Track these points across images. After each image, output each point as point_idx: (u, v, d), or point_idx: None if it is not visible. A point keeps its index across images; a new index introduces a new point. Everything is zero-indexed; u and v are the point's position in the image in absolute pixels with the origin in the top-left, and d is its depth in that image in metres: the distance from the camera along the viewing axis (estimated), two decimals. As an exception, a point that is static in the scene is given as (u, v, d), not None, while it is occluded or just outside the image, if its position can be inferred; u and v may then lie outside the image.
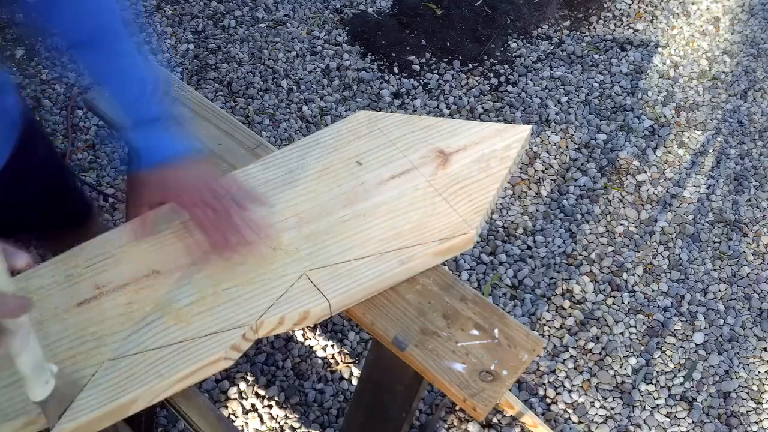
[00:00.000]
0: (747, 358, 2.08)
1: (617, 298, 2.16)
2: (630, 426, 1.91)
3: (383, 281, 1.03)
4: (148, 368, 0.92)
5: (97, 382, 0.90)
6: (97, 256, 1.03)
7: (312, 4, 2.96)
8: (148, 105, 1.06)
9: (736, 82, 2.89)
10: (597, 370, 2.01)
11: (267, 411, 1.84)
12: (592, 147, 2.57)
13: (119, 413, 0.90)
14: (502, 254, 2.22)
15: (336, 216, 1.09)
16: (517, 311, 2.10)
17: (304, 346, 1.96)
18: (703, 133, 2.68)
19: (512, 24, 3.01)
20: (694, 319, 2.14)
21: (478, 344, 1.00)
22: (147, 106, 1.06)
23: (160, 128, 1.06)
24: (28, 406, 0.87)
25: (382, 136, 1.21)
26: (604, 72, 2.86)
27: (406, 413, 1.12)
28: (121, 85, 1.06)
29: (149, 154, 1.05)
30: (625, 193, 2.45)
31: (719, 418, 1.95)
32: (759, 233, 2.39)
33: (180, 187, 1.05)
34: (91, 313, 0.97)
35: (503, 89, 2.74)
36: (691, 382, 2.01)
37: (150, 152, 1.05)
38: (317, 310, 0.99)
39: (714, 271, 2.27)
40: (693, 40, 3.05)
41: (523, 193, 2.41)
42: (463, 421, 1.87)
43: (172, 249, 1.04)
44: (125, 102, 1.06)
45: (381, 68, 2.74)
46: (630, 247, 2.30)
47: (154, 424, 1.76)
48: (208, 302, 0.99)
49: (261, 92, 2.59)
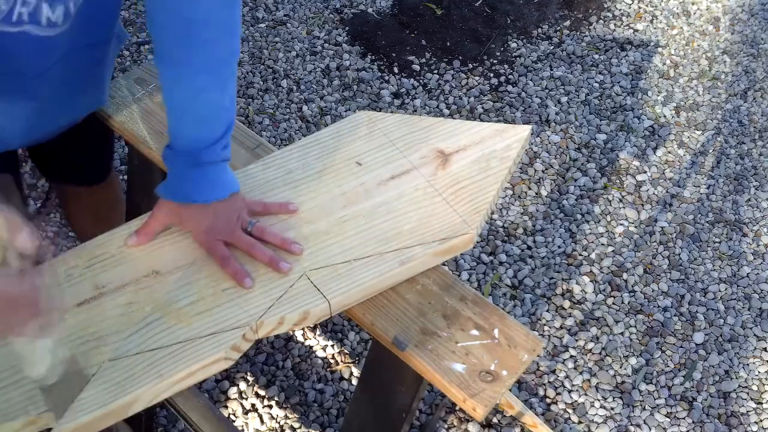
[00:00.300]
0: (747, 358, 2.08)
1: (617, 298, 2.17)
2: (630, 426, 1.92)
3: (383, 281, 1.03)
4: (148, 368, 0.92)
5: (97, 383, 0.90)
6: (97, 256, 1.02)
7: (312, 4, 2.96)
8: (214, 150, 1.00)
9: (736, 82, 2.89)
10: (597, 370, 2.01)
11: (267, 411, 1.84)
12: (592, 147, 2.58)
13: (119, 413, 0.90)
14: (502, 254, 2.22)
15: (336, 216, 1.09)
16: (517, 311, 2.10)
17: (304, 346, 1.96)
18: (703, 133, 2.68)
19: (512, 24, 3.01)
20: (694, 319, 2.14)
21: (478, 344, 1.00)
22: (212, 152, 1.00)
23: (211, 172, 1.02)
24: (28, 406, 0.87)
25: (382, 137, 1.21)
26: (604, 72, 2.86)
27: (406, 413, 1.12)
28: (197, 123, 1.00)
29: (187, 190, 1.02)
30: (625, 193, 2.45)
31: (719, 418, 1.95)
32: (759, 233, 2.39)
33: (199, 225, 1.03)
34: (91, 313, 0.97)
35: (503, 89, 2.74)
36: (691, 382, 2.01)
37: (189, 190, 1.02)
38: (317, 310, 0.99)
39: (714, 271, 2.27)
40: (693, 40, 3.05)
41: (523, 193, 2.41)
42: (463, 421, 1.87)
43: (172, 249, 1.04)
44: (192, 138, 1.01)
45: (381, 68, 2.74)
46: (630, 247, 2.30)
47: (154, 424, 1.76)
48: (208, 302, 0.99)
49: (261, 92, 2.59)
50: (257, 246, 1.02)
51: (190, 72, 0.97)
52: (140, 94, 1.28)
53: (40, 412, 0.86)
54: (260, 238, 1.04)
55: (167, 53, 0.98)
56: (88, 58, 1.09)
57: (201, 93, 0.98)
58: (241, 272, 1.00)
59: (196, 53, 0.96)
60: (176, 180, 1.03)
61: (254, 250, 1.02)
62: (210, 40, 0.96)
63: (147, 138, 1.22)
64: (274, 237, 1.04)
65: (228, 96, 1.02)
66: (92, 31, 1.05)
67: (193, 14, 0.93)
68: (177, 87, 0.99)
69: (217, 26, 0.96)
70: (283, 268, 1.01)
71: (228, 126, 1.02)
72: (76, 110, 1.19)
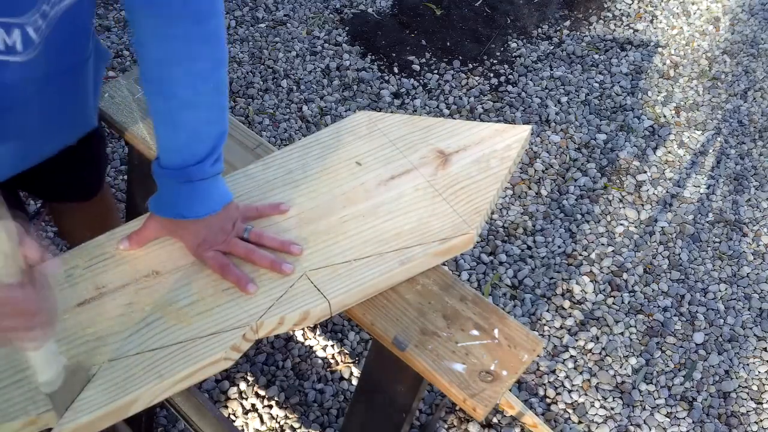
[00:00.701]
0: (747, 358, 2.08)
1: (617, 298, 2.17)
2: (630, 426, 1.92)
3: (383, 281, 1.03)
4: (148, 368, 0.92)
5: (96, 383, 0.90)
6: (97, 257, 1.02)
7: (312, 4, 2.96)
8: (202, 166, 0.97)
9: (736, 82, 2.89)
10: (597, 370, 2.01)
11: (267, 411, 1.84)
12: (592, 147, 2.58)
13: (119, 413, 0.90)
14: (502, 254, 2.22)
15: (336, 216, 1.09)
16: (517, 311, 2.10)
17: (304, 346, 1.96)
18: (703, 133, 2.68)
19: (512, 24, 3.01)
20: (694, 319, 2.14)
21: (478, 344, 1.00)
22: (201, 168, 0.97)
23: (202, 187, 0.98)
24: (28, 406, 0.87)
25: (382, 137, 1.21)
26: (604, 72, 2.86)
27: (406, 413, 1.12)
28: (184, 139, 0.96)
29: (178, 207, 0.99)
30: (625, 193, 2.45)
31: (719, 418, 1.95)
32: (759, 233, 2.39)
33: (193, 238, 1.01)
34: (91, 313, 0.97)
35: (503, 89, 2.74)
36: (691, 382, 2.01)
37: (180, 207, 0.99)
38: (317, 310, 0.99)
39: (714, 271, 2.27)
40: (693, 40, 3.05)
41: (523, 193, 2.41)
42: (463, 421, 1.87)
43: (172, 249, 1.04)
44: (180, 154, 0.97)
45: (381, 68, 2.74)
46: (630, 247, 2.30)
47: (154, 424, 1.76)
48: (208, 302, 0.99)
49: (261, 92, 2.59)
50: (256, 251, 1.01)
51: (171, 87, 0.94)
52: (140, 94, 1.28)
53: (40, 413, 0.86)
54: (258, 243, 1.03)
55: (148, 69, 0.95)
56: (65, 84, 1.06)
57: (184, 109, 0.95)
58: (243, 278, 0.99)
59: (176, 69, 0.93)
60: (167, 196, 1.00)
61: (253, 256, 1.01)
62: (191, 56, 0.93)
63: (147, 138, 1.22)
64: (272, 240, 1.03)
65: (216, 108, 0.98)
66: (64, 56, 1.01)
67: (172, 31, 0.90)
68: (159, 103, 0.96)
69: (198, 40, 0.92)
70: (286, 270, 1.00)
71: (217, 139, 0.98)
72: (62, 138, 1.17)
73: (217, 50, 0.95)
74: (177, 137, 0.97)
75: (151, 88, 0.96)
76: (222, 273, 1.00)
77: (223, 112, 1.00)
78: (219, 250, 1.01)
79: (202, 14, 0.91)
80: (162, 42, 0.91)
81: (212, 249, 1.00)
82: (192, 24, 0.91)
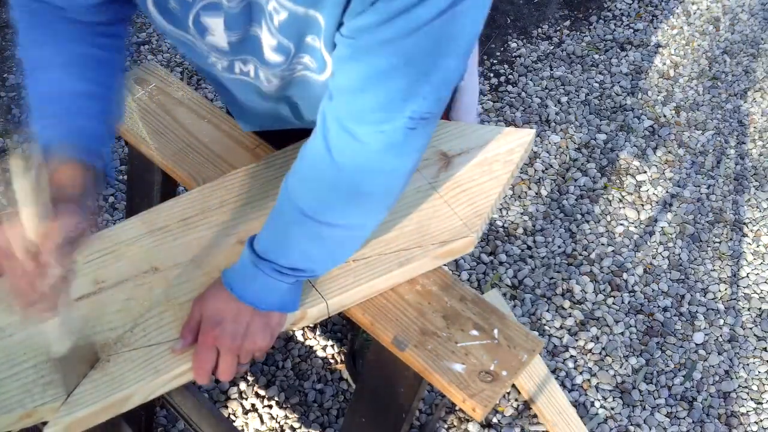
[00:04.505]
0: (747, 358, 2.08)
1: (617, 298, 2.17)
2: (630, 426, 1.92)
3: (382, 283, 1.03)
4: (146, 364, 0.92)
5: (94, 377, 0.90)
6: (96, 252, 1.03)
7: (312, 4, 2.95)
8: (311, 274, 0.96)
9: (736, 82, 2.89)
10: (597, 370, 2.01)
11: (267, 411, 1.84)
12: (592, 147, 2.58)
13: (116, 408, 0.90)
14: (502, 254, 2.22)
15: (336, 216, 1.09)
16: (517, 311, 2.10)
17: (304, 346, 1.96)
18: (703, 133, 2.68)
19: (512, 24, 3.01)
20: (694, 319, 2.14)
21: (478, 344, 1.00)
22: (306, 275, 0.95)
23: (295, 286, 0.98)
24: (24, 399, 0.87)
25: (382, 137, 1.21)
26: (604, 72, 2.86)
27: (406, 413, 1.12)
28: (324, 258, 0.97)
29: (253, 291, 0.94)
30: (625, 193, 2.45)
31: (719, 418, 1.95)
32: (759, 233, 2.39)
33: (217, 317, 0.94)
34: (90, 308, 0.97)
35: (503, 89, 2.74)
36: (691, 382, 2.01)
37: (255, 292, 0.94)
38: (314, 310, 0.99)
39: (714, 271, 2.27)
40: (693, 40, 3.05)
41: (523, 193, 2.41)
42: (463, 421, 1.87)
43: (172, 246, 1.05)
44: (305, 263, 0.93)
45: (381, 68, 2.74)
46: (630, 247, 2.30)
47: (154, 424, 1.76)
48: (208, 301, 0.99)
49: (261, 92, 2.59)
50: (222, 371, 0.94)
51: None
52: (140, 94, 1.28)
53: (36, 405, 0.87)
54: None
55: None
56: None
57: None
58: (204, 372, 0.92)
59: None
60: (250, 279, 0.93)
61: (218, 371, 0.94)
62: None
63: (147, 138, 1.22)
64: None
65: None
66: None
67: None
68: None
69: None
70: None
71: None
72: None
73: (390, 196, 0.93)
74: (314, 249, 0.94)
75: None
76: (199, 353, 0.93)
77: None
78: (215, 344, 0.93)
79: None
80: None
81: (212, 337, 0.92)
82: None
